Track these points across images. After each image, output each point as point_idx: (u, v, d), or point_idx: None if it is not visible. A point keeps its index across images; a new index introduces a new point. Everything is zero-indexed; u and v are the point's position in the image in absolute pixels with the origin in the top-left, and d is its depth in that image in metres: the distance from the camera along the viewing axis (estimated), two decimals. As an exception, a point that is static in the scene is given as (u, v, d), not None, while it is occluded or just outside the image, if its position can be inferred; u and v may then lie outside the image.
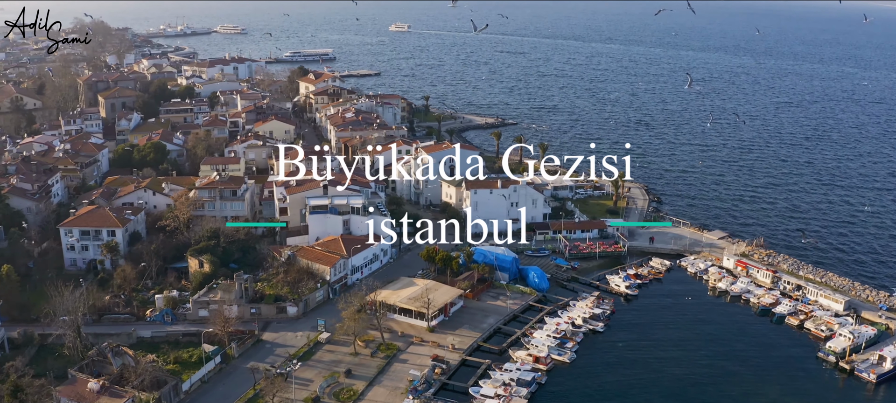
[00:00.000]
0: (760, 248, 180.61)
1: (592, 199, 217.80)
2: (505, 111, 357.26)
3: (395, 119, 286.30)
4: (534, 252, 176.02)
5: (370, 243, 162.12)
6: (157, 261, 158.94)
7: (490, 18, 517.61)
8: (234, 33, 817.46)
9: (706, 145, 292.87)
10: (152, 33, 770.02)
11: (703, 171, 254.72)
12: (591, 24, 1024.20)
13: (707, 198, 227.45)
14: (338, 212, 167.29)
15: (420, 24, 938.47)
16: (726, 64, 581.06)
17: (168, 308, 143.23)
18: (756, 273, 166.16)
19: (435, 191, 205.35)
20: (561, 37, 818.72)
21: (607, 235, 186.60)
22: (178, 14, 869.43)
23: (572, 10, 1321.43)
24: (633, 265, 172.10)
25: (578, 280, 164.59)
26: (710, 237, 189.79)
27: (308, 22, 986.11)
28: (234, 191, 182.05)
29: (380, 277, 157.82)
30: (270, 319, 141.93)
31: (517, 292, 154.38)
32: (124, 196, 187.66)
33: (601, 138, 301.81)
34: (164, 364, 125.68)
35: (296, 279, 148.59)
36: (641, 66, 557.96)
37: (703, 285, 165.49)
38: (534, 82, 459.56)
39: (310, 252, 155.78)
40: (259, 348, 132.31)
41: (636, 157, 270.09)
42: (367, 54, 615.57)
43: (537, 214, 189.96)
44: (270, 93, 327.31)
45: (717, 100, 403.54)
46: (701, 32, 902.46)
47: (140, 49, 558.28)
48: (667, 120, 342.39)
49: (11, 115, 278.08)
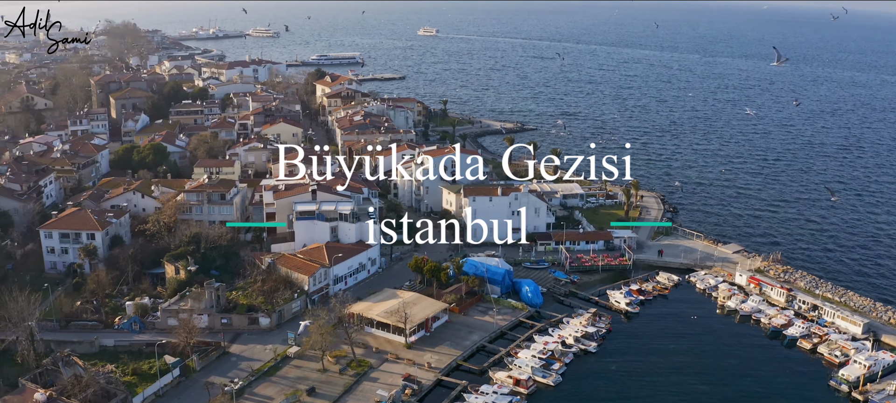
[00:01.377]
0: (777, 264, 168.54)
1: (604, 208, 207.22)
2: (527, 117, 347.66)
3: (407, 123, 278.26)
4: (532, 264, 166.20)
5: (356, 252, 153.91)
6: (133, 266, 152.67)
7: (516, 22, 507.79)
8: (266, 36, 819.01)
9: (731, 154, 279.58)
10: (185, 36, 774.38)
11: (726, 181, 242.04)
12: (626, 30, 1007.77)
13: (726, 209, 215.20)
14: (325, 219, 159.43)
15: (449, 29, 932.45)
16: (762, 70, 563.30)
17: (136, 316, 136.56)
18: (769, 290, 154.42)
19: (435, 198, 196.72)
20: (594, 42, 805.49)
21: (613, 247, 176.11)
22: (212, 17, 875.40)
23: (607, 15, 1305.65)
24: (637, 279, 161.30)
25: (577, 295, 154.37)
26: (724, 251, 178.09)
27: (339, 26, 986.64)
28: (223, 194, 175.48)
29: (366, 288, 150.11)
30: (242, 330, 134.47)
31: (508, 307, 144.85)
32: (113, 198, 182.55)
33: (621, 144, 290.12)
34: (121, 376, 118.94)
35: (272, 288, 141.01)
36: (674, 72, 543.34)
37: (712, 303, 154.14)
38: (561, 88, 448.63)
39: (290, 260, 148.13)
40: (224, 361, 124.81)
41: (656, 166, 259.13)
42: (394, 58, 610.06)
43: (540, 223, 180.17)
44: (285, 96, 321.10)
45: (751, 106, 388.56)
46: (739, 39, 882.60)
47: (167, 51, 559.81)
48: (695, 127, 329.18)
49: (21, 115, 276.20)
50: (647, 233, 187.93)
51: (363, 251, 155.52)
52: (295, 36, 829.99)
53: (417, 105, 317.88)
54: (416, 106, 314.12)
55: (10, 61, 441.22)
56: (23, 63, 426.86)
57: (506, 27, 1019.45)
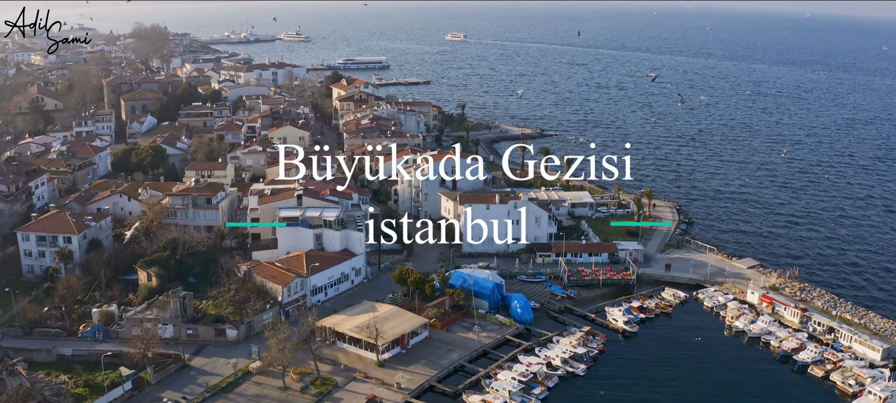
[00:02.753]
0: (793, 281, 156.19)
1: (614, 218, 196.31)
2: (550, 123, 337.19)
3: (418, 127, 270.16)
4: (528, 276, 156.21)
5: (338, 261, 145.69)
6: (107, 272, 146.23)
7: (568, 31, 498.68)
8: (298, 41, 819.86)
9: (758, 164, 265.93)
10: (216, 39, 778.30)
11: (747, 192, 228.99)
12: (662, 35, 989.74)
13: (745, 221, 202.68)
14: (308, 225, 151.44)
15: (477, 34, 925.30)
16: (798, 78, 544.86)
17: (100, 324, 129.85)
18: (783, 310, 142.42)
19: (434, 205, 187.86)
20: (628, 48, 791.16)
21: (618, 260, 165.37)
22: (244, 21, 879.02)
23: (645, 22, 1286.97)
24: (640, 296, 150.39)
25: (573, 311, 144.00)
26: (737, 266, 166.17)
27: (371, 30, 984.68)
28: (209, 198, 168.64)
29: (350, 299, 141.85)
30: (208, 342, 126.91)
31: (495, 323, 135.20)
32: (100, 200, 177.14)
33: (644, 154, 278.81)
34: (73, 387, 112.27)
35: (243, 298, 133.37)
36: (707, 79, 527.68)
37: (720, 322, 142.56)
38: (589, 94, 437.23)
39: (266, 268, 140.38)
40: (183, 375, 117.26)
41: (676, 176, 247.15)
42: (421, 63, 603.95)
43: (541, 233, 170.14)
44: (299, 99, 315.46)
45: (783, 116, 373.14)
46: (777, 46, 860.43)
47: (194, 54, 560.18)
48: (723, 136, 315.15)
49: (30, 116, 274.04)
50: (657, 246, 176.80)
51: (346, 260, 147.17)
52: (326, 40, 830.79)
53: (433, 109, 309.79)
54: (431, 110, 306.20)
55: (35, 62, 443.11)
56: (47, 65, 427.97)
57: (538, 33, 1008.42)
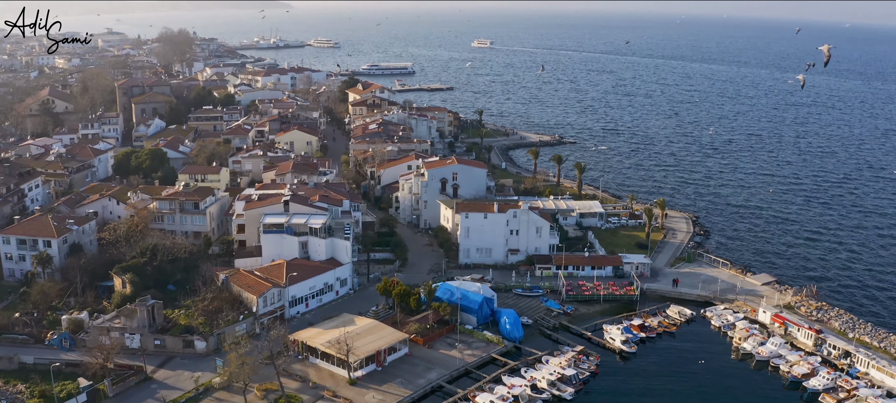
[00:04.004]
0: (810, 299, 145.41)
1: (625, 229, 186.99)
2: (570, 131, 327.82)
3: (429, 132, 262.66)
4: (524, 290, 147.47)
5: (321, 270, 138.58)
6: (83, 277, 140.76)
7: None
8: (328, 47, 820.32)
9: (786, 175, 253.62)
10: (246, 45, 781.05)
11: (771, 205, 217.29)
12: (698, 44, 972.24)
13: (766, 235, 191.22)
14: (293, 232, 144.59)
15: (503, 41, 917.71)
16: (834, 87, 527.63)
17: (67, 332, 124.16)
18: (796, 331, 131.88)
19: (434, 213, 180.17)
20: (661, 56, 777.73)
21: (623, 274, 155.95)
22: (274, 26, 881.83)
23: (684, 29, 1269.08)
24: (642, 313, 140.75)
25: (569, 329, 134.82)
26: (752, 282, 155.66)
27: (401, 37, 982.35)
28: (197, 203, 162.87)
29: (334, 310, 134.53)
30: (176, 354, 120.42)
31: (482, 340, 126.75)
32: (88, 204, 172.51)
33: (665, 163, 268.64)
34: (28, 398, 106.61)
35: (217, 308, 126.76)
36: (740, 87, 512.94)
37: (727, 343, 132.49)
38: (615, 101, 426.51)
39: (244, 277, 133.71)
40: (142, 388, 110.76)
41: (697, 186, 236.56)
42: (447, 69, 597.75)
43: (542, 244, 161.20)
44: (311, 103, 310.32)
45: (815, 125, 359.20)
46: (814, 55, 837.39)
47: (219, 58, 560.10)
48: (752, 146, 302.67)
49: (39, 118, 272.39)
50: (667, 259, 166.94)
51: (329, 270, 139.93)
52: (355, 47, 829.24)
53: (448, 115, 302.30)
54: (446, 116, 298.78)
55: (59, 65, 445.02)
56: (70, 68, 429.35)
57: (570, 40, 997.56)
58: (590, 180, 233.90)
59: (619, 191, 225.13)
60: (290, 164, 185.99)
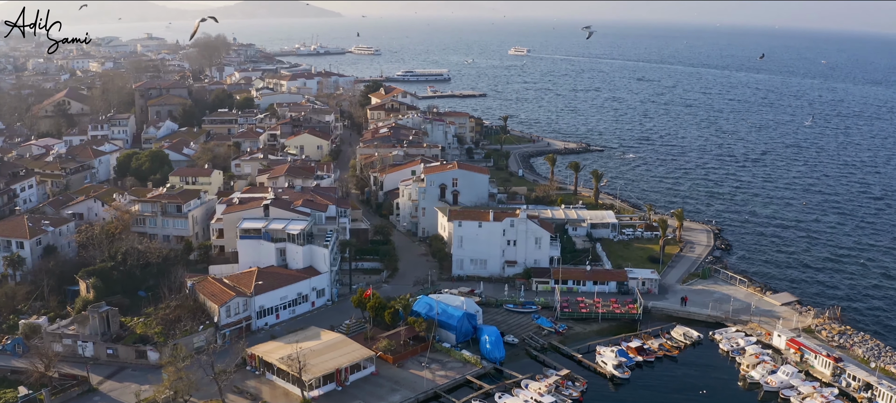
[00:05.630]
0: (833, 322, 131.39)
1: (639, 241, 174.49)
2: (601, 139, 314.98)
3: (445, 138, 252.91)
4: (516, 306, 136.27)
5: (294, 279, 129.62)
6: (50, 281, 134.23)
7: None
8: (368, 54, 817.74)
9: (824, 189, 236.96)
10: (286, 51, 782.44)
11: (804, 220, 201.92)
12: (743, 54, 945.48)
13: (793, 251, 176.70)
14: (271, 238, 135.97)
15: (539, 49, 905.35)
16: (883, 98, 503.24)
17: (21, 336, 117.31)
18: (813, 359, 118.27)
19: (432, 221, 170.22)
20: (705, 65, 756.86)
21: (627, 290, 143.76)
22: (315, 33, 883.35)
23: (730, 38, 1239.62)
24: (643, 334, 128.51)
25: (559, 350, 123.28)
26: (770, 301, 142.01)
27: (442, 45, 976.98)
28: (179, 206, 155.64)
29: (309, 323, 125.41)
30: (128, 364, 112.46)
31: (459, 360, 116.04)
32: (74, 205, 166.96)
33: (694, 173, 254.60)
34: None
35: (176, 317, 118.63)
36: (785, 97, 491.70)
37: (735, 370, 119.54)
38: (651, 110, 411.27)
39: (210, 285, 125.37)
40: (85, 399, 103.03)
41: (727, 198, 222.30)
42: (482, 76, 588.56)
43: (542, 257, 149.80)
44: (330, 108, 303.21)
45: (856, 136, 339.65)
46: (865, 65, 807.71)
47: (254, 63, 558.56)
48: (791, 157, 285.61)
49: (53, 119, 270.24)
50: (679, 275, 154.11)
51: (304, 279, 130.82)
52: (396, 54, 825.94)
53: (470, 120, 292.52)
54: (467, 121, 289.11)
55: (92, 69, 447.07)
56: (104, 71, 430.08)
57: (615, 49, 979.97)
58: (610, 189, 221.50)
59: (640, 201, 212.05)
60: (285, 167, 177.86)
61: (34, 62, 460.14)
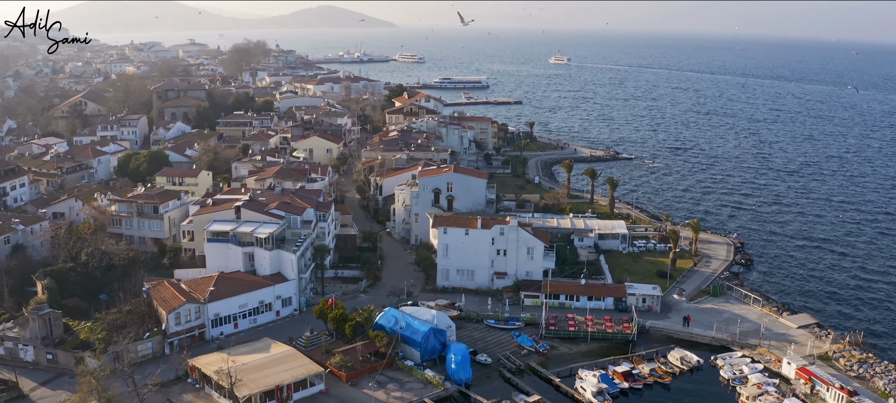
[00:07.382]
0: (853, 349, 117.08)
1: (651, 254, 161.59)
2: (632, 147, 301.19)
3: (461, 142, 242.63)
4: (498, 321, 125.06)
5: (255, 286, 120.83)
6: (10, 281, 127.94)
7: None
8: (412, 62, 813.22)
9: (860, 204, 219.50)
10: (329, 58, 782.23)
11: (835, 235, 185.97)
12: (794, 66, 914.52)
13: (820, 270, 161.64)
14: (238, 242, 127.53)
15: (579, 58, 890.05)
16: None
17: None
18: (824, 390, 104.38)
19: (424, 227, 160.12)
20: (752, 75, 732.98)
21: (624, 307, 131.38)
22: (359, 41, 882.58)
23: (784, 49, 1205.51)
24: (634, 357, 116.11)
25: (537, 372, 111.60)
26: (786, 323, 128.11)
27: (486, 54, 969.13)
28: (156, 207, 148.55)
29: (273, 333, 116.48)
30: (67, 371, 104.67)
31: (421, 380, 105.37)
32: (56, 204, 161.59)
33: (723, 183, 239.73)
34: None
35: (123, 323, 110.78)
36: (835, 109, 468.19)
37: (734, 401, 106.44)
38: (691, 119, 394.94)
39: (164, 290, 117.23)
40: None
41: (754, 209, 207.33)
42: (522, 84, 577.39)
43: (534, 268, 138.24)
44: (348, 111, 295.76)
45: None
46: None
47: (293, 70, 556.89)
48: (835, 171, 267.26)
49: (68, 120, 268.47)
50: (688, 291, 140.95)
51: (267, 286, 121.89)
52: (440, 62, 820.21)
53: (492, 126, 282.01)
54: (488, 126, 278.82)
55: (128, 72, 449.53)
56: (123, 73, 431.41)
57: (660, 59, 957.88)
58: (630, 198, 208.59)
59: (659, 212, 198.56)
60: (275, 169, 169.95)
61: (72, 65, 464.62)
